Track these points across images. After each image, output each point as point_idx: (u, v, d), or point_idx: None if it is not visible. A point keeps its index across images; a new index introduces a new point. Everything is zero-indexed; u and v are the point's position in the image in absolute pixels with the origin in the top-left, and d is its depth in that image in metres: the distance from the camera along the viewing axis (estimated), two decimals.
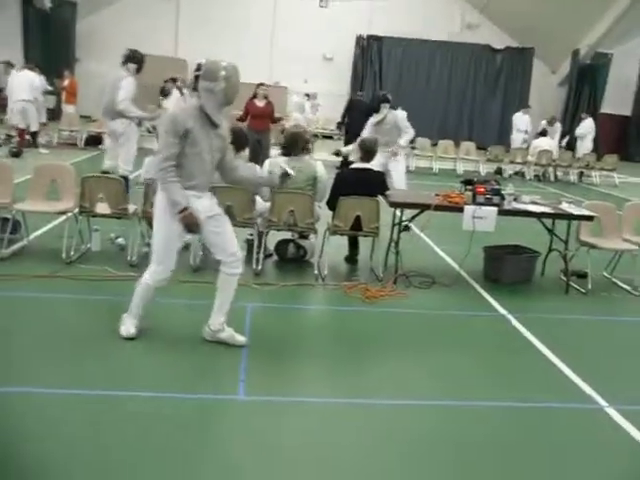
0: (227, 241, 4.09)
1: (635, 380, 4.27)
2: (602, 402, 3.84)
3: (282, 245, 6.31)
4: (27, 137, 12.66)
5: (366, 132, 8.19)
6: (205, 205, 4.00)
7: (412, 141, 9.12)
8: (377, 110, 8.09)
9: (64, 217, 5.83)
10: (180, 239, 4.08)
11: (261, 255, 5.86)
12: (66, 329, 4.31)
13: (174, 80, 15.10)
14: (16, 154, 11.44)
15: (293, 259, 6.26)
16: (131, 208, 5.75)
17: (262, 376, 3.88)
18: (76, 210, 5.78)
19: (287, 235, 6.35)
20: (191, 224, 3.87)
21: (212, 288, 5.22)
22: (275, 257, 6.35)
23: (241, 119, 10.21)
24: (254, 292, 5.31)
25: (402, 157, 8.17)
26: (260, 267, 5.79)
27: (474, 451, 3.27)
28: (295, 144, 5.95)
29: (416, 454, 3.19)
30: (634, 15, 19.64)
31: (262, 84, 10.82)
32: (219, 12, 21.14)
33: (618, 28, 20.38)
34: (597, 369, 4.36)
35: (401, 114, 8.31)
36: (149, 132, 13.50)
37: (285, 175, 4.30)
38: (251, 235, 6.12)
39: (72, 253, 5.69)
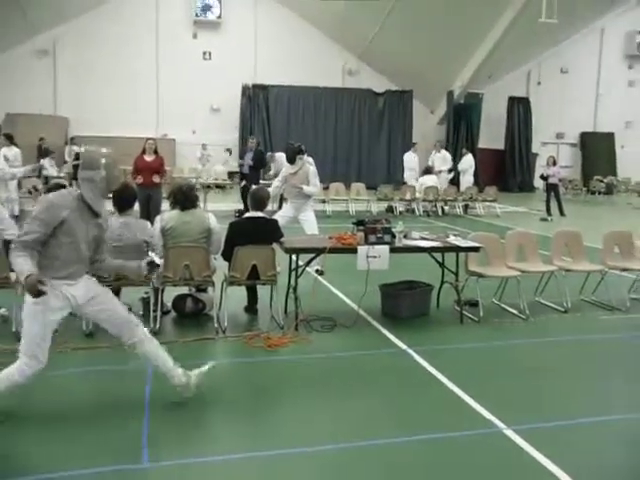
0: (113, 314, 4.02)
1: (528, 400, 4.48)
2: (501, 425, 3.99)
3: (180, 300, 6.18)
4: None
5: (278, 182, 8.28)
6: (80, 292, 3.86)
7: None
8: (292, 162, 8.16)
9: None
10: (52, 331, 3.83)
11: (158, 313, 5.70)
12: None
13: (40, 139, 14.69)
14: None
15: (192, 314, 6.14)
16: (13, 276, 5.44)
17: (167, 439, 3.74)
18: None
19: (184, 290, 6.23)
20: (33, 288, 3.49)
21: (107, 352, 5.04)
22: (173, 313, 6.20)
23: (133, 175, 9.98)
24: None
25: (311, 205, 8.26)
26: (158, 325, 5.63)
27: None
28: (185, 198, 5.89)
29: None
30: (498, 58, 21.28)
31: (150, 138, 10.68)
32: (101, 67, 20.89)
33: (485, 70, 21.98)
34: (493, 393, 4.53)
35: (313, 168, 8.42)
36: (30, 193, 12.95)
37: (152, 264, 4.16)
38: (147, 293, 5.95)
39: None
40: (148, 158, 10.09)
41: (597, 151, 26.34)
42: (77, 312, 4.04)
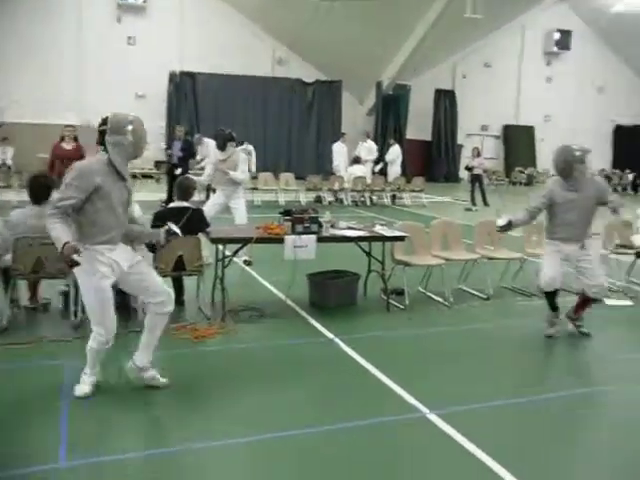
0: (155, 282, 4.16)
1: (450, 384, 4.60)
2: (424, 409, 4.08)
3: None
4: None
5: (209, 169, 8.11)
6: (121, 256, 3.99)
7: None
8: (223, 148, 7.98)
9: None
10: (109, 297, 3.99)
11: (79, 306, 5.50)
12: None
13: None
14: None
15: (116, 306, 5.94)
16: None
17: (85, 438, 3.61)
18: None
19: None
20: (68, 257, 3.57)
21: (22, 349, 4.84)
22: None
23: (50, 165, 9.59)
24: (73, 347, 4.94)
25: (242, 193, 8.13)
26: (79, 319, 5.44)
27: (312, 474, 3.30)
28: None
29: None
30: (424, 51, 21.70)
31: (69, 125, 10.28)
32: (22, 51, 19.93)
33: (412, 62, 22.36)
34: (417, 379, 4.63)
35: (243, 155, 8.27)
36: None
37: (171, 233, 4.26)
38: (66, 286, 5.74)
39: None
40: (67, 146, 9.73)
41: (519, 143, 27.35)
42: (120, 281, 4.10)
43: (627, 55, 27.73)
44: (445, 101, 25.76)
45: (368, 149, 17.44)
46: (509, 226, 5.62)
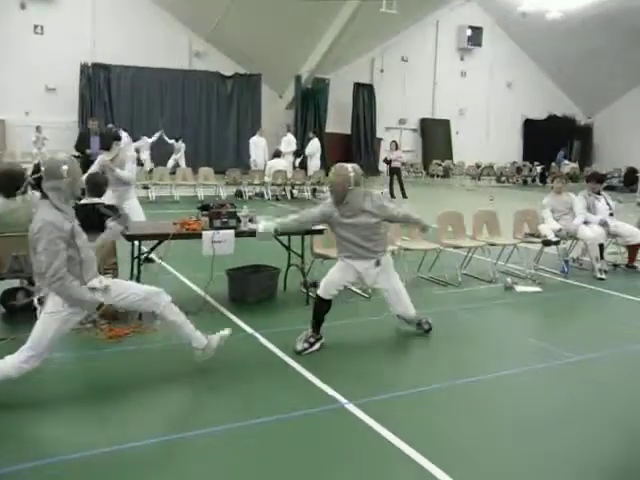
0: (137, 290, 4.32)
1: (368, 375, 4.69)
2: (343, 400, 4.15)
3: (9, 294, 5.74)
4: None
5: (95, 168, 7.82)
6: (100, 285, 4.13)
7: None
8: (108, 148, 7.74)
9: None
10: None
11: None
12: None
13: None
14: None
15: (23, 308, 5.70)
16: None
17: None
18: None
19: (14, 283, 5.79)
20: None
21: None
22: (2, 309, 5.74)
23: None
24: None
25: (133, 192, 7.93)
26: None
27: (242, 474, 3.29)
28: (8, 183, 5.43)
29: None
30: (343, 45, 21.89)
31: None
32: None
33: (331, 56, 22.52)
34: (336, 370, 4.71)
35: (130, 154, 8.08)
36: None
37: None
38: None
39: None
40: None
41: (435, 136, 28.09)
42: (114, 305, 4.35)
43: (533, 52, 28.96)
44: (364, 95, 26.11)
45: (287, 142, 17.48)
46: None
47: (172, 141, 18.67)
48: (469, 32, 27.95)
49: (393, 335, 5.65)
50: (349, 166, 5.17)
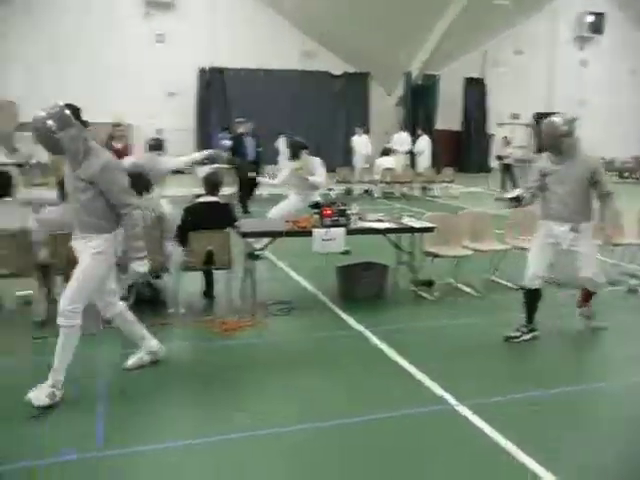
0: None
1: (479, 376, 4.58)
2: (453, 401, 4.08)
3: (135, 287, 6.09)
4: None
5: (283, 176, 8.16)
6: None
7: None
8: (297, 156, 8.02)
9: None
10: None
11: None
12: None
13: None
14: None
15: (148, 300, 6.06)
16: None
17: (120, 426, 3.71)
18: None
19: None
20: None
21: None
22: (129, 300, 6.10)
23: None
24: (109, 338, 5.08)
25: (317, 196, 8.10)
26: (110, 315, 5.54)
27: (347, 468, 3.34)
28: (136, 184, 5.79)
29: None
30: (453, 39, 21.43)
31: (118, 124, 10.11)
32: (51, 51, 20.24)
33: (441, 51, 22.12)
34: (446, 371, 4.62)
35: (317, 161, 8.23)
36: None
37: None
38: None
39: None
40: (118, 145, 9.55)
41: None
42: None
43: None
44: (475, 90, 25.43)
45: (400, 140, 17.36)
46: (518, 200, 5.34)
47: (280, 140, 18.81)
48: (590, 18, 26.49)
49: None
50: (559, 117, 5.19)
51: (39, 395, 3.90)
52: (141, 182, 5.89)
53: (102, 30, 21.03)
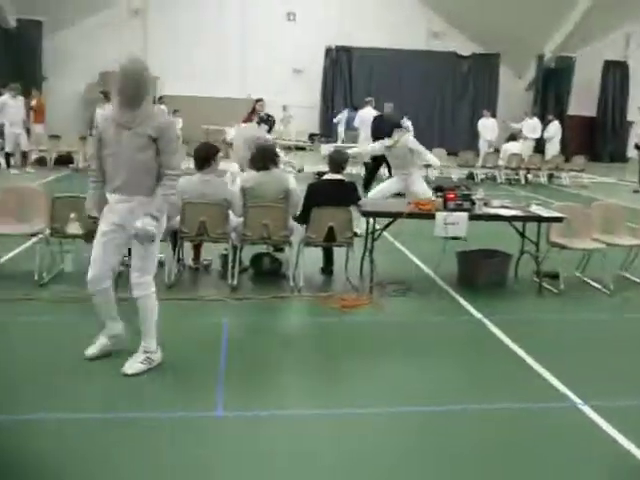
0: (151, 253, 4.03)
1: (607, 376, 4.33)
2: (576, 400, 3.90)
3: (257, 259, 6.32)
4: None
5: (372, 147, 8.25)
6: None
7: None
8: (390, 134, 8.00)
9: (35, 239, 5.79)
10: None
11: (236, 270, 5.86)
12: (43, 352, 4.26)
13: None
14: None
15: (268, 272, 6.27)
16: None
17: (241, 391, 3.87)
18: (47, 231, 5.73)
19: (262, 249, 6.37)
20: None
21: (188, 305, 5.26)
22: (251, 271, 6.35)
23: None
24: (230, 307, 5.32)
25: (419, 176, 7.98)
26: (236, 282, 5.79)
27: (457, 456, 3.29)
28: (264, 158, 5.97)
29: (401, 462, 3.21)
30: (594, 18, 20.10)
31: (259, 99, 10.25)
32: (188, 28, 21.17)
33: (580, 32, 20.83)
34: (571, 367, 4.42)
35: (412, 138, 8.15)
36: None
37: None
38: (226, 250, 6.13)
39: (45, 275, 5.64)
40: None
41: None
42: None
43: None
44: (615, 73, 23.77)
45: (531, 127, 16.64)
46: None
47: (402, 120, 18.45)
48: None
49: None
50: None
51: (132, 364, 3.97)
52: (269, 155, 6.06)
53: (235, 9, 21.67)
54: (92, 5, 20.29)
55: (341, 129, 19.11)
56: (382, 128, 9.84)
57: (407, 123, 16.55)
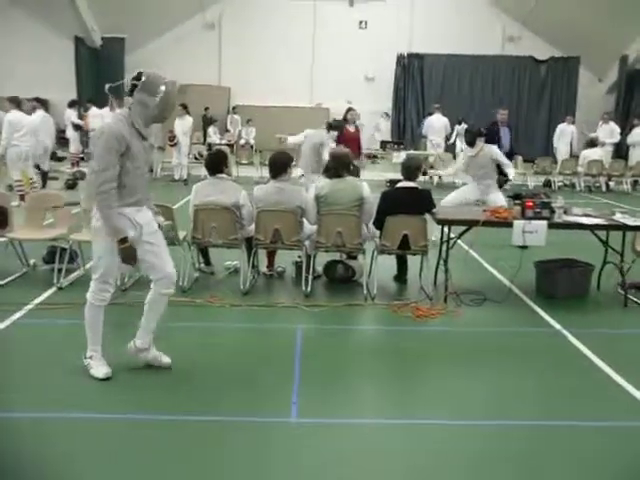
0: (164, 260, 3.95)
1: None
2: None
3: (331, 266, 6.33)
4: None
5: (460, 164, 8.18)
6: (146, 218, 3.92)
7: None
8: (472, 144, 7.95)
9: None
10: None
11: (310, 277, 5.90)
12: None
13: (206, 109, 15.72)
14: (71, 186, 11.86)
15: (342, 280, 6.27)
16: (181, 234, 5.88)
17: (314, 398, 3.88)
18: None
19: (335, 256, 6.38)
20: (129, 256, 3.76)
21: (262, 311, 5.32)
22: (324, 278, 6.37)
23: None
24: (304, 313, 5.35)
25: (495, 185, 7.85)
26: (309, 289, 5.83)
27: (534, 472, 3.19)
28: (339, 166, 5.99)
29: (472, 475, 3.14)
30: None
31: (351, 108, 10.23)
32: (260, 37, 21.56)
33: None
34: None
35: (496, 149, 8.08)
36: (196, 159, 14.10)
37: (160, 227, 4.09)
38: (299, 257, 6.18)
39: (126, 280, 5.85)
40: (351, 128, 9.76)
41: None
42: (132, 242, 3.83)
43: None
44: None
45: (610, 131, 16.01)
46: None
47: (460, 126, 17.81)
48: None
49: None
50: None
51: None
52: (343, 163, 6.07)
53: (308, 19, 21.90)
54: (169, 20, 21.02)
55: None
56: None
57: (464, 126, 16.29)
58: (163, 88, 3.70)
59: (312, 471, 3.12)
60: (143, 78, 3.71)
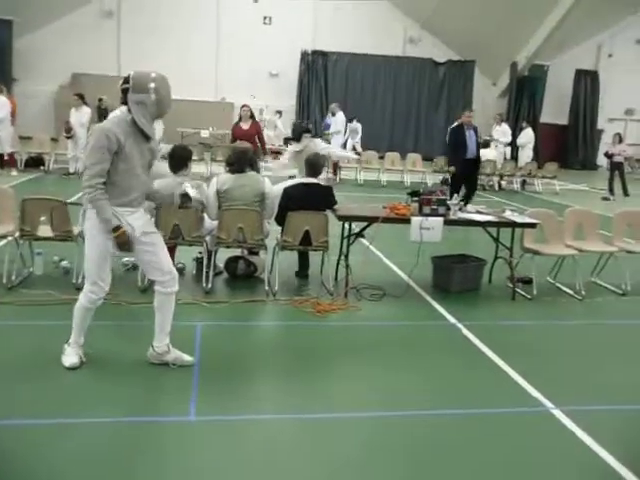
0: (162, 260, 3.98)
1: (579, 381, 4.39)
2: (549, 404, 3.93)
3: (232, 262, 6.27)
4: None
5: (286, 160, 8.03)
6: (139, 221, 3.92)
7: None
8: (298, 140, 7.97)
9: (4, 241, 5.66)
10: (112, 257, 3.96)
11: (211, 273, 5.81)
12: (9, 356, 4.16)
13: (99, 99, 15.18)
14: None
15: (243, 276, 6.22)
16: (75, 230, 5.62)
17: (213, 395, 3.82)
18: (17, 234, 5.61)
19: (236, 252, 6.32)
20: (124, 243, 3.80)
21: None
22: (225, 274, 6.30)
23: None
24: (204, 310, 5.26)
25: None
26: (210, 285, 5.74)
27: (425, 461, 3.30)
28: (240, 161, 5.93)
29: (369, 466, 3.20)
30: (567, 29, 20.44)
31: (244, 105, 10.03)
32: (162, 31, 20.96)
33: (552, 41, 21.16)
34: (543, 372, 4.46)
35: (321, 142, 8.22)
36: None
37: (186, 196, 4.14)
38: (200, 253, 6.07)
39: (14, 278, 5.53)
40: (245, 126, 9.63)
41: None
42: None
43: None
44: (586, 82, 24.16)
45: (502, 132, 16.83)
46: None
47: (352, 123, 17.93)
48: None
49: (616, 342, 5.22)
50: None
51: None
52: (245, 158, 6.01)
53: (211, 13, 21.54)
54: (64, 6, 20.00)
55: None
56: None
57: (356, 125, 16.70)
58: (153, 85, 3.76)
59: (212, 471, 3.07)
60: (131, 80, 3.78)
